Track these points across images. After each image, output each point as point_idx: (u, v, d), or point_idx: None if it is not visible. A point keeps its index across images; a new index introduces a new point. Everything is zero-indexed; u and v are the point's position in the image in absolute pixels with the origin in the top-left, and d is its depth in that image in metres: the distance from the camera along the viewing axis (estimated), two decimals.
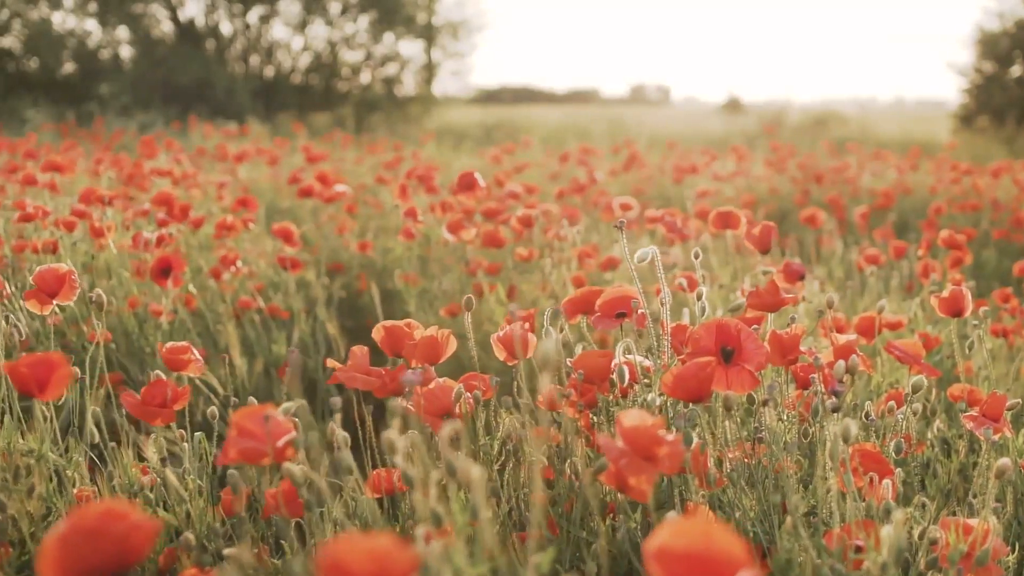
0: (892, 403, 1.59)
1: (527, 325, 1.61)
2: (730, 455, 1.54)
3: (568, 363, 1.47)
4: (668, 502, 1.47)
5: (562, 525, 1.44)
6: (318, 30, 20.64)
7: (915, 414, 1.70)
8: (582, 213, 4.73)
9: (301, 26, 20.40)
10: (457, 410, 1.49)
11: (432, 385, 1.48)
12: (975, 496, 1.48)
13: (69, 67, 18.67)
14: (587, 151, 7.80)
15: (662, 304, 1.68)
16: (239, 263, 3.20)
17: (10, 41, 18.58)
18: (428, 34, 21.46)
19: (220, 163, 6.68)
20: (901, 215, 6.05)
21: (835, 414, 1.29)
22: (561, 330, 1.85)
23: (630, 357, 1.53)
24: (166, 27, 19.61)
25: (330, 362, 1.47)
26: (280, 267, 3.27)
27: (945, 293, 1.90)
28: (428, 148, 10.44)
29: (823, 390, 1.33)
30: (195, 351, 1.54)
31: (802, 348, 1.78)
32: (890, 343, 1.91)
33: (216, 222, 3.34)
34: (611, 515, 1.47)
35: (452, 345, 1.56)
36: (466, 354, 2.35)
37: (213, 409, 1.84)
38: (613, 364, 1.50)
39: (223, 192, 4.82)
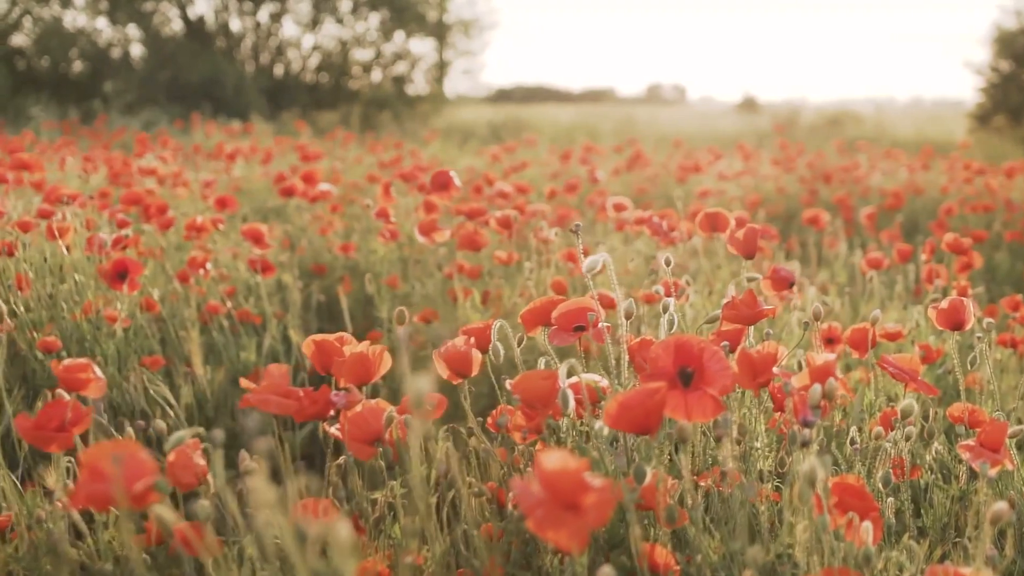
0: (880, 429, 1.42)
1: (473, 340, 1.45)
2: (702, 481, 1.38)
3: (508, 385, 1.30)
4: (624, 541, 1.31)
5: (502, 564, 1.28)
6: (328, 28, 20.56)
7: (908, 439, 1.53)
8: (578, 214, 4.57)
9: (311, 24, 20.31)
10: (388, 436, 1.33)
11: (360, 408, 1.32)
12: (970, 539, 1.31)
13: (80, 65, 18.64)
14: (590, 149, 7.61)
15: (627, 316, 1.52)
16: (208, 265, 3.05)
17: (21, 39, 18.56)
18: (439, 32, 21.34)
19: (214, 161, 6.54)
20: (911, 216, 5.85)
21: (807, 448, 1.12)
22: (520, 343, 1.69)
23: (585, 377, 1.37)
24: (176, 25, 19.56)
25: (244, 382, 1.32)
26: (255, 269, 3.12)
27: (944, 304, 1.73)
28: (432, 147, 10.29)
29: (794, 420, 1.16)
30: (96, 369, 1.38)
31: (780, 367, 1.62)
32: (884, 358, 1.74)
33: (185, 223, 3.19)
34: (559, 555, 1.31)
35: (387, 362, 1.40)
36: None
37: (140, 424, 1.69)
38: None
39: (209, 191, 4.68)
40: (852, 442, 1.43)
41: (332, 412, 1.33)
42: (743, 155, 8.17)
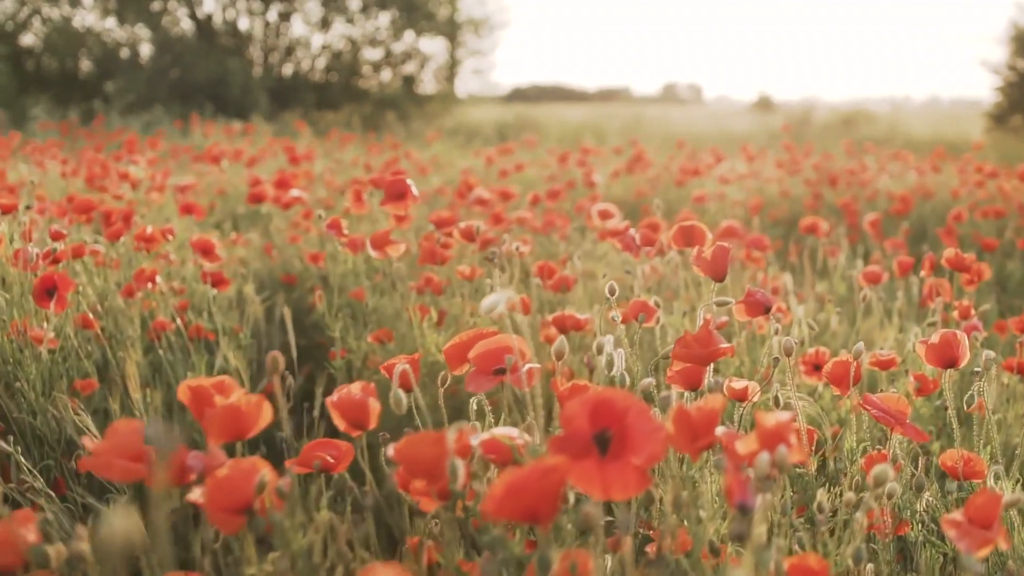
0: (851, 495, 1.20)
1: (372, 386, 1.24)
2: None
3: (389, 453, 1.08)
4: None
5: None
6: (338, 27, 20.40)
7: (890, 497, 1.31)
8: (568, 220, 4.35)
9: (320, 23, 20.17)
10: (260, 504, 1.12)
11: (226, 470, 1.11)
12: None
13: (88, 65, 18.54)
14: (587, 151, 7.38)
15: (558, 357, 1.30)
16: (158, 278, 2.85)
17: (30, 39, 18.49)
18: (450, 31, 21.17)
19: (199, 164, 6.34)
20: (920, 221, 5.60)
21: (744, 541, 0.90)
22: (443, 384, 1.48)
23: (498, 433, 1.15)
24: (185, 25, 19.44)
25: (87, 441, 1.10)
26: (206, 282, 2.91)
27: (934, 338, 1.50)
28: (433, 148, 10.08)
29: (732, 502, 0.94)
30: None
31: (742, 413, 1.41)
32: (867, 399, 1.52)
33: (135, 233, 2.99)
34: None
35: (267, 414, 1.19)
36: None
37: None
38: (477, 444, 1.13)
39: (183, 196, 4.48)
40: (820, 509, 1.21)
41: (194, 476, 1.12)
42: (747, 156, 7.91)
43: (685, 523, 1.18)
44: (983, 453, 1.59)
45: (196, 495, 1.14)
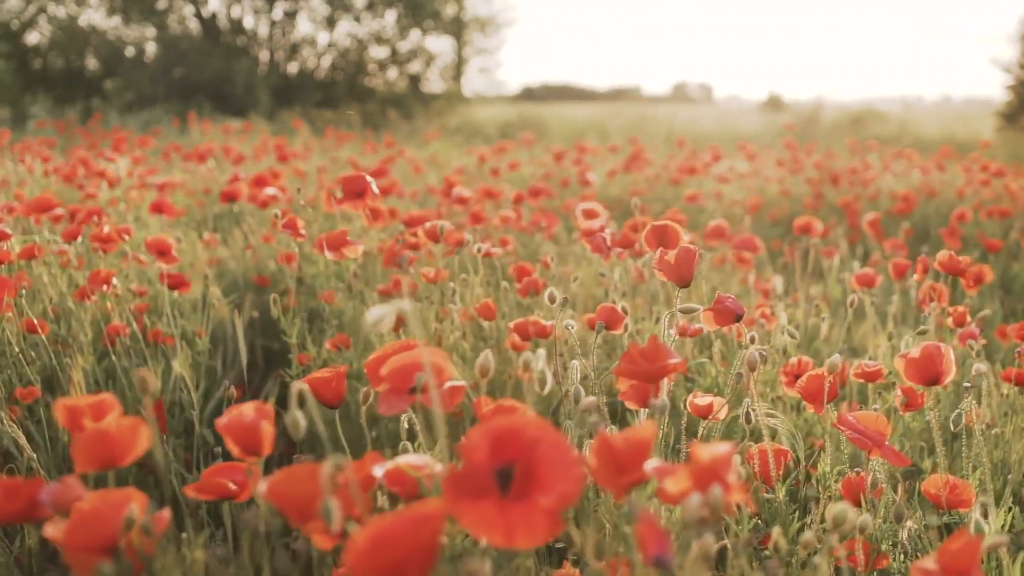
0: (810, 536, 1.05)
1: (268, 408, 1.09)
2: None
3: (260, 491, 0.93)
4: None
5: None
6: (343, 25, 20.31)
7: (862, 531, 1.16)
8: (560, 220, 4.20)
9: (326, 22, 20.07)
10: (127, 543, 0.98)
11: (89, 504, 0.97)
12: None
13: (94, 64, 18.47)
14: (584, 149, 7.22)
15: (482, 374, 1.16)
16: (115, 280, 2.71)
17: (35, 37, 18.45)
18: (456, 30, 21.06)
19: (186, 162, 6.22)
20: (923, 221, 5.42)
21: None
22: (365, 401, 1.34)
23: (402, 462, 1.01)
24: (190, 23, 19.36)
25: None
26: (166, 286, 2.78)
27: (915, 352, 1.35)
28: (432, 146, 9.94)
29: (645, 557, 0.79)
30: None
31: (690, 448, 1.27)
32: (842, 418, 1.37)
33: (91, 233, 2.86)
34: None
35: (143, 439, 1.04)
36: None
37: None
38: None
39: (161, 195, 4.35)
40: (776, 549, 1.06)
41: (49, 512, 0.97)
42: (746, 155, 7.74)
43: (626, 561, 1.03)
44: (972, 479, 1.44)
45: (53, 531, 0.99)
